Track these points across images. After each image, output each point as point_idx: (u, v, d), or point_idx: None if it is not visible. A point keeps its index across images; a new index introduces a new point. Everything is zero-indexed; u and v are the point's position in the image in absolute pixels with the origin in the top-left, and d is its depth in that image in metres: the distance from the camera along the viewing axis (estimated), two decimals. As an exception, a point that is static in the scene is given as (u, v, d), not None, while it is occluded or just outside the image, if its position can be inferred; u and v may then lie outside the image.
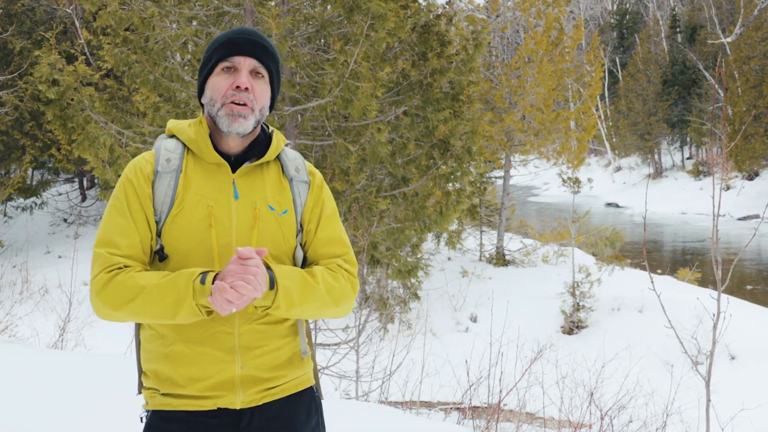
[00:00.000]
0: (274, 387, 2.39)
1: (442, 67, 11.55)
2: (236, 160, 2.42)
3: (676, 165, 51.80)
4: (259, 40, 2.40)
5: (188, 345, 2.30)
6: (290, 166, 2.49)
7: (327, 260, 2.47)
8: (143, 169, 2.38)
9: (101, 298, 2.23)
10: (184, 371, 2.30)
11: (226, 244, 2.31)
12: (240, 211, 2.35)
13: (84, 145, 10.59)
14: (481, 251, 22.31)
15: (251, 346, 2.33)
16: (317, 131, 11.54)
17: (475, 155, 14.09)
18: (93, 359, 6.77)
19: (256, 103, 2.37)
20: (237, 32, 2.40)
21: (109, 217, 2.34)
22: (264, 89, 2.41)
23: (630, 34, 66.41)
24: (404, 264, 13.50)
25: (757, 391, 11.81)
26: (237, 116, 2.33)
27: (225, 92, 2.35)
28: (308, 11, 11.21)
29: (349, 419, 5.63)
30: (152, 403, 2.37)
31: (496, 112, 21.19)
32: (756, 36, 39.83)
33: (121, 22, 10.38)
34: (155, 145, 2.46)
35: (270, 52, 2.42)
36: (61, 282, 14.48)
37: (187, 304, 2.16)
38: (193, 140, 2.39)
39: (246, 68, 2.37)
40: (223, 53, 2.37)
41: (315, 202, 2.51)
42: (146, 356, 2.40)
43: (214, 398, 2.31)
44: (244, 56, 2.36)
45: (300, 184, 2.48)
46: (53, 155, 20.46)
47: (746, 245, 5.74)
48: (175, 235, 2.31)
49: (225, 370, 2.31)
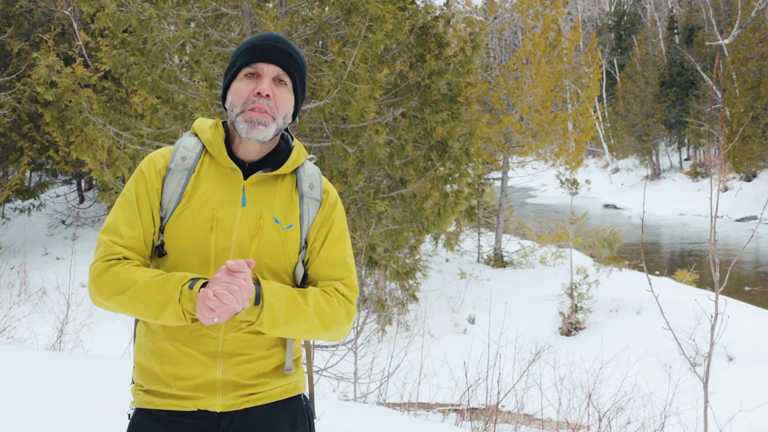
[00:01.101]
0: (256, 393, 2.37)
1: (440, 68, 11.55)
2: (251, 167, 2.40)
3: (674, 166, 51.88)
4: (284, 47, 2.37)
5: (174, 344, 2.30)
6: (305, 182, 2.46)
7: (325, 282, 2.43)
8: (157, 163, 2.39)
9: (95, 285, 2.26)
10: (168, 368, 2.31)
11: (224, 249, 2.31)
12: (244, 219, 2.34)
13: (82, 146, 10.58)
14: (479, 253, 22.34)
15: (234, 353, 2.32)
16: (315, 133, 11.53)
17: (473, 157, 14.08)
18: (91, 361, 6.76)
19: (278, 110, 2.35)
20: (262, 38, 2.38)
21: (118, 206, 2.37)
22: (287, 97, 2.38)
23: (628, 35, 66.45)
24: (402, 265, 13.48)
25: (755, 393, 11.83)
26: (256, 123, 2.31)
27: (246, 98, 2.33)
28: (306, 13, 11.20)
29: (347, 421, 5.63)
30: (137, 401, 2.38)
31: (494, 114, 21.23)
32: (754, 37, 39.91)
33: (119, 24, 10.37)
34: (177, 142, 2.46)
35: (295, 59, 2.39)
36: (59, 284, 14.50)
37: (172, 307, 2.16)
38: (209, 142, 2.39)
39: (269, 75, 2.35)
40: (247, 59, 2.35)
41: (324, 222, 2.47)
42: (138, 349, 2.41)
43: (194, 399, 2.31)
44: (268, 63, 2.34)
45: (311, 201, 2.45)
46: (51, 157, 20.46)
47: (744, 246, 5.74)
48: (176, 234, 2.32)
49: (206, 373, 2.30)
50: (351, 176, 10.81)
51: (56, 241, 21.47)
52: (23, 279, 15.70)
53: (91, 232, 21.48)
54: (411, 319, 16.37)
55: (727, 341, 13.51)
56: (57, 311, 12.07)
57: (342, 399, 9.67)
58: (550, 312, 17.27)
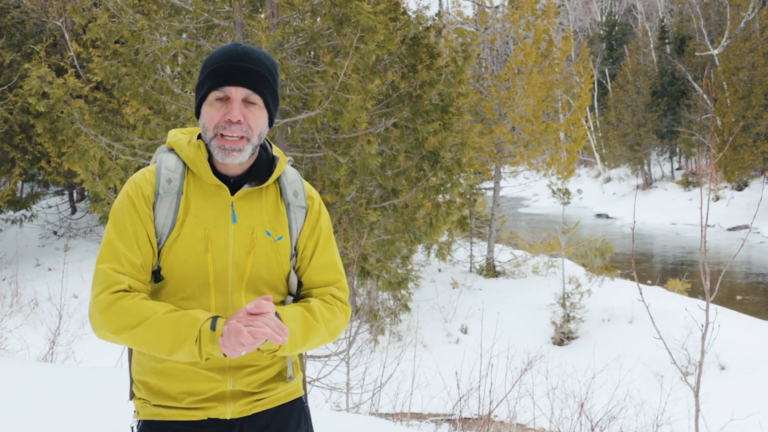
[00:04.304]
0: (263, 399, 2.41)
1: (431, 79, 11.58)
2: (236, 182, 2.39)
3: (666, 176, 51.96)
4: (250, 65, 2.32)
5: (181, 363, 2.30)
6: (289, 190, 2.46)
7: (321, 289, 2.47)
8: (143, 189, 2.35)
9: (104, 318, 2.22)
10: (178, 386, 2.32)
11: (222, 269, 2.32)
12: (237, 235, 2.34)
13: (74, 157, 10.56)
14: (471, 262, 22.33)
15: (242, 366, 2.35)
16: (307, 143, 11.54)
17: (465, 167, 14.12)
18: (83, 372, 6.75)
19: (252, 131, 2.32)
20: (229, 58, 2.32)
21: (113, 233, 2.32)
22: (258, 115, 2.34)
23: (619, 45, 66.63)
24: (394, 276, 13.49)
25: (747, 401, 11.84)
26: (231, 150, 2.29)
27: (217, 123, 2.30)
28: (298, 24, 11.22)
29: (339, 431, 5.63)
30: (143, 413, 2.38)
31: (486, 124, 21.25)
32: (744, 47, 40.05)
33: (110, 35, 10.37)
34: (156, 160, 2.42)
35: (263, 76, 2.33)
36: (51, 295, 14.46)
37: (187, 347, 2.16)
38: (192, 161, 2.36)
39: (238, 98, 2.30)
40: (214, 83, 2.31)
41: (312, 229, 2.49)
42: (138, 368, 2.40)
43: (205, 409, 2.33)
44: (236, 86, 2.30)
45: (297, 209, 2.46)
46: (43, 168, 20.39)
47: (734, 255, 5.77)
48: (173, 258, 2.31)
49: (217, 388, 2.33)
50: (343, 186, 10.82)
51: (48, 252, 21.41)
52: (15, 290, 15.64)
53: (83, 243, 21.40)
54: (403, 329, 16.36)
55: (719, 350, 13.53)
56: (49, 322, 12.06)
57: (335, 409, 9.66)
58: (543, 321, 17.27)
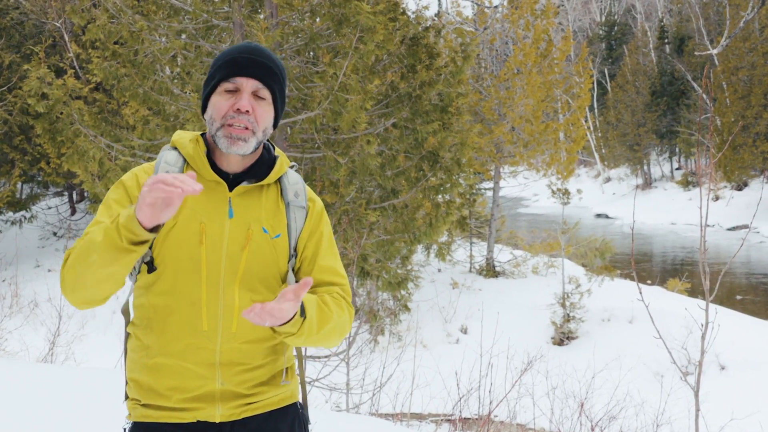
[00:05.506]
0: (254, 402, 2.39)
1: (431, 79, 11.58)
2: (235, 178, 2.40)
3: (666, 176, 51.97)
4: (262, 60, 2.35)
5: (170, 358, 2.30)
6: (290, 191, 2.46)
7: (327, 287, 2.46)
8: (140, 179, 2.38)
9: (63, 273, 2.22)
10: (166, 382, 2.30)
11: (215, 261, 2.31)
12: (233, 231, 2.34)
13: (73, 158, 10.57)
14: (471, 263, 22.32)
15: (232, 363, 2.33)
16: (306, 144, 11.54)
17: (465, 167, 14.13)
18: (83, 373, 6.75)
19: (258, 124, 2.33)
20: (241, 51, 2.36)
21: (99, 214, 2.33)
22: (266, 110, 2.36)
23: (618, 45, 66.67)
24: (394, 276, 13.50)
25: (747, 401, 11.84)
26: (236, 139, 2.30)
27: (225, 113, 2.31)
28: (297, 24, 11.22)
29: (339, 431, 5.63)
30: (134, 415, 2.38)
31: (486, 124, 21.25)
32: (743, 47, 40.03)
33: (110, 36, 10.38)
34: (158, 156, 2.44)
35: (274, 72, 2.36)
36: (51, 296, 14.45)
37: (108, 233, 2.07)
38: (191, 157, 2.37)
39: (248, 90, 2.32)
40: (225, 73, 2.33)
41: (312, 231, 2.49)
42: (131, 365, 2.40)
43: (194, 411, 2.31)
44: (247, 77, 2.32)
45: (297, 209, 2.46)
46: (42, 169, 20.42)
47: (734, 255, 5.77)
48: (166, 249, 2.30)
49: (205, 385, 2.31)
50: (342, 187, 10.82)
51: (48, 253, 21.42)
52: (15, 291, 15.66)
53: (82, 244, 21.37)
54: (403, 329, 16.35)
55: (719, 350, 13.53)
56: (48, 323, 12.06)
57: (334, 409, 9.66)
58: (543, 322, 17.26)
